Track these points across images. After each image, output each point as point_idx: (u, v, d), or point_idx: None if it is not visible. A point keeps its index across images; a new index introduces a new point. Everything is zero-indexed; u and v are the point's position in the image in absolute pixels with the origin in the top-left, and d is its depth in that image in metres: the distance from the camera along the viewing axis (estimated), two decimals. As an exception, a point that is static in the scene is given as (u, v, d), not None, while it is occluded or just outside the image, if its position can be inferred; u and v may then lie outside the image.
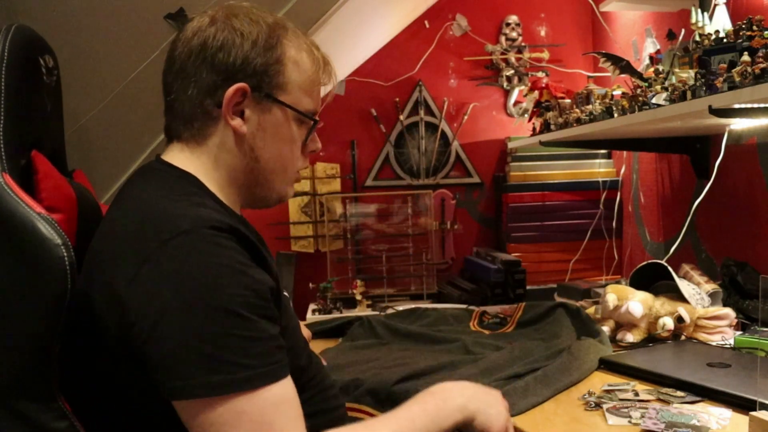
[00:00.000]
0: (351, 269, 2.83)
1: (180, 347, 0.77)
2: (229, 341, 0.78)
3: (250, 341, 0.79)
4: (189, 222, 0.82)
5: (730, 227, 1.97)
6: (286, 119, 0.98)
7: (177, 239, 0.80)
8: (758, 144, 1.83)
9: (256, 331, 0.80)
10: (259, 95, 0.95)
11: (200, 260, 0.80)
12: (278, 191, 1.02)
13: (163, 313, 0.78)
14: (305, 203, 2.89)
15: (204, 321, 0.77)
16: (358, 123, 2.95)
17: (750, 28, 1.30)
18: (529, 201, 2.77)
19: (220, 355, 0.77)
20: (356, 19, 2.11)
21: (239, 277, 0.81)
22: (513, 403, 1.11)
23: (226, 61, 0.93)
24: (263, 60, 0.94)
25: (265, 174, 0.99)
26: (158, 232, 0.82)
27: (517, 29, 2.97)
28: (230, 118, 0.94)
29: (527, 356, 1.39)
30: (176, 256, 0.80)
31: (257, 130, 0.96)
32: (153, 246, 0.81)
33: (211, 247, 0.81)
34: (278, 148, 0.98)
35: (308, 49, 0.99)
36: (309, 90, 0.99)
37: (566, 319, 1.59)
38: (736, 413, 1.07)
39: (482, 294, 2.54)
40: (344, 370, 1.43)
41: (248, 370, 0.78)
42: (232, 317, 0.79)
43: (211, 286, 0.79)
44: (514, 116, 2.98)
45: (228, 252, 0.82)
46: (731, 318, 1.50)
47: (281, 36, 0.96)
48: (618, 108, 1.72)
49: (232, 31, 0.93)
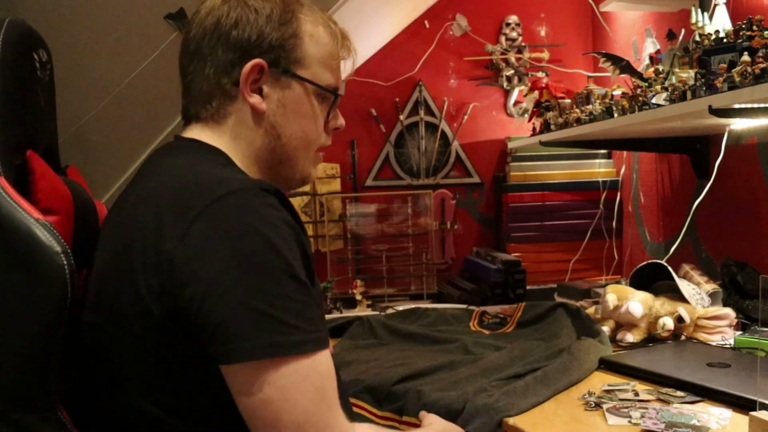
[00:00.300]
0: (351, 269, 2.83)
1: (241, 307, 0.75)
2: (290, 304, 0.77)
3: (305, 306, 0.78)
4: (237, 182, 0.81)
5: (730, 227, 1.97)
6: (307, 94, 0.97)
7: (229, 197, 0.78)
8: (758, 144, 1.83)
9: (309, 296, 0.79)
10: (277, 71, 0.94)
11: (255, 219, 0.78)
12: (301, 171, 1.00)
13: (222, 272, 0.75)
14: (305, 203, 2.89)
15: (266, 281, 0.76)
16: (358, 123, 2.95)
17: (750, 28, 1.30)
18: (529, 201, 2.77)
19: (284, 317, 0.76)
20: (356, 19, 2.11)
21: (292, 240, 0.80)
22: (513, 403, 1.11)
23: (241, 37, 0.92)
24: (279, 34, 0.93)
25: (288, 152, 0.97)
26: (207, 192, 0.79)
27: (517, 29, 2.97)
28: (248, 95, 0.93)
29: (527, 356, 1.39)
30: (230, 214, 0.77)
31: (277, 107, 0.95)
32: (202, 204, 0.78)
33: (263, 207, 0.79)
34: (300, 124, 0.97)
35: (325, 23, 0.98)
36: (328, 64, 0.99)
37: (566, 319, 1.59)
38: (736, 413, 1.07)
39: (482, 294, 2.54)
40: (343, 369, 1.43)
41: (307, 334, 0.77)
42: (291, 279, 0.77)
43: (268, 246, 0.77)
44: (514, 116, 2.98)
45: (279, 213, 0.80)
46: (731, 318, 1.50)
47: (296, 10, 0.95)
48: (618, 108, 1.72)
49: (245, 7, 0.93)
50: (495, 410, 1.09)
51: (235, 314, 0.75)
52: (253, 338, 0.75)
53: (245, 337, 0.75)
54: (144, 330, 0.80)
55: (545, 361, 1.32)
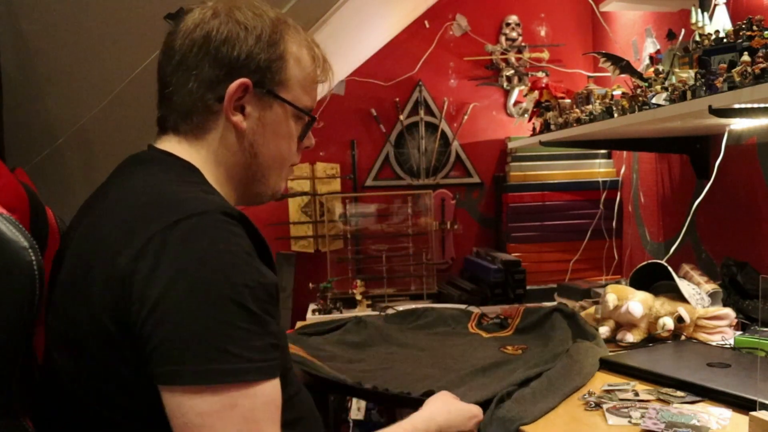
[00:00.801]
0: (351, 269, 2.83)
1: (180, 330, 0.74)
2: (231, 331, 0.76)
3: (251, 335, 0.77)
4: (201, 205, 0.81)
5: (730, 227, 1.97)
6: (286, 116, 0.98)
7: (189, 220, 0.78)
8: (758, 144, 1.83)
9: (258, 325, 0.78)
10: (261, 91, 0.94)
11: (211, 244, 0.77)
12: (272, 187, 1.02)
13: (167, 294, 0.75)
14: (305, 203, 2.89)
15: (209, 307, 0.75)
16: (358, 123, 2.95)
17: (750, 28, 1.30)
18: (529, 201, 2.77)
19: (221, 345, 0.75)
20: (356, 19, 2.11)
21: (248, 269, 0.79)
22: (525, 410, 1.11)
23: (230, 55, 0.91)
24: (267, 56, 0.93)
25: (263, 170, 0.99)
26: (169, 212, 0.79)
27: (517, 29, 2.97)
28: (232, 113, 0.93)
29: (526, 361, 1.39)
30: (187, 237, 0.77)
31: (257, 126, 0.96)
32: (162, 225, 0.78)
33: (222, 232, 0.79)
34: (276, 143, 0.98)
35: (308, 46, 0.99)
36: (307, 87, 0.99)
37: (562, 323, 1.59)
38: (736, 413, 1.07)
39: (482, 294, 2.54)
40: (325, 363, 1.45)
41: (247, 363, 0.76)
42: (238, 308, 0.76)
43: (220, 272, 0.76)
44: (514, 116, 2.98)
45: (239, 240, 0.80)
46: (731, 318, 1.50)
47: (284, 31, 0.95)
48: (618, 108, 1.72)
49: (235, 24, 0.92)
50: (510, 420, 1.09)
51: (173, 337, 0.75)
52: (186, 363, 0.74)
53: (178, 361, 0.74)
54: (100, 345, 0.80)
55: (544, 365, 1.31)
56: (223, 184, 0.97)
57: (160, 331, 0.75)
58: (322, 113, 2.91)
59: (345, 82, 2.91)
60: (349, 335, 1.73)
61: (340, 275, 2.76)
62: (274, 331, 0.81)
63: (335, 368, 1.41)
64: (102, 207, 0.87)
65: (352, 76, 2.91)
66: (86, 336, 0.80)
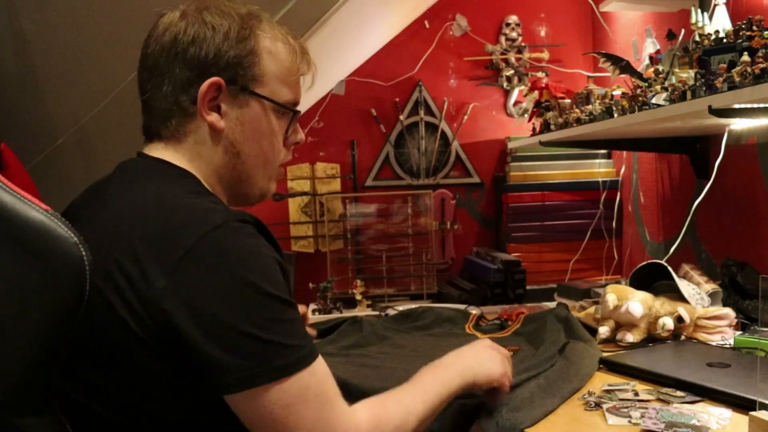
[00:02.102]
0: (351, 269, 2.83)
1: (239, 335, 0.78)
2: (284, 326, 0.82)
3: (294, 324, 0.84)
4: (220, 216, 0.83)
5: (730, 227, 1.97)
6: (265, 112, 0.97)
7: (216, 232, 0.81)
8: (758, 144, 1.83)
9: (294, 314, 0.85)
10: (235, 88, 0.94)
11: (242, 250, 0.82)
12: (260, 187, 1.02)
13: (215, 305, 0.78)
14: (305, 203, 2.89)
15: (256, 307, 0.80)
16: (358, 123, 2.95)
17: (750, 28, 1.30)
18: (529, 201, 2.77)
19: (281, 339, 0.80)
20: (356, 19, 2.11)
21: (275, 266, 0.84)
22: (524, 415, 1.10)
23: (198, 55, 0.92)
24: (236, 52, 0.93)
25: (247, 169, 0.99)
26: (193, 227, 0.81)
27: (517, 29, 2.97)
28: (206, 113, 0.93)
29: (515, 364, 1.38)
30: (218, 248, 0.80)
31: (236, 125, 0.95)
32: (190, 240, 0.80)
33: (247, 238, 0.84)
34: (258, 141, 0.98)
35: (284, 39, 0.98)
36: (287, 80, 0.98)
37: (556, 325, 1.59)
38: (736, 413, 1.07)
39: (482, 294, 2.54)
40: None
41: (301, 350, 0.82)
42: (280, 302, 0.82)
43: (257, 273, 0.81)
44: (514, 116, 2.98)
45: (258, 241, 0.85)
46: (731, 318, 1.50)
47: (254, 27, 0.95)
48: (618, 108, 1.72)
49: (202, 24, 0.92)
50: (510, 428, 1.08)
51: (232, 344, 0.78)
52: (254, 366, 0.79)
53: (245, 366, 0.79)
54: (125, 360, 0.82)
55: (535, 369, 1.30)
56: (213, 187, 0.97)
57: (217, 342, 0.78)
58: (322, 113, 2.91)
59: (345, 82, 2.91)
60: (345, 335, 1.73)
61: (340, 275, 2.76)
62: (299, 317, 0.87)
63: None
64: (104, 219, 0.87)
65: (352, 76, 2.91)
66: (107, 349, 0.82)
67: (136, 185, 0.91)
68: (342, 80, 2.90)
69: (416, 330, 1.81)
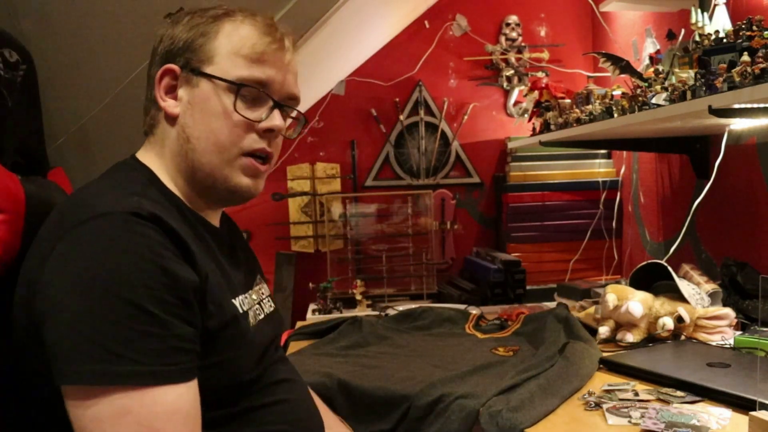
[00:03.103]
0: (351, 269, 2.83)
1: (72, 330, 0.74)
2: (121, 331, 0.73)
3: (146, 336, 0.74)
4: (108, 206, 0.79)
5: (730, 227, 1.97)
6: (215, 91, 0.91)
7: (91, 222, 0.78)
8: (758, 144, 1.83)
9: (158, 327, 0.75)
10: (188, 72, 0.92)
11: (110, 245, 0.76)
12: (224, 180, 0.93)
13: (64, 294, 0.75)
14: (305, 203, 2.89)
15: (102, 308, 0.74)
16: (358, 123, 2.95)
17: (750, 28, 1.30)
18: (529, 201, 2.77)
19: (110, 345, 0.73)
20: (356, 19, 2.11)
21: (150, 268, 0.76)
22: (524, 415, 1.10)
23: (162, 50, 0.94)
24: (188, 36, 0.93)
25: (198, 156, 0.92)
26: (76, 215, 0.79)
27: (517, 29, 2.97)
28: (161, 99, 0.93)
29: (514, 364, 1.39)
30: (86, 239, 0.77)
31: (187, 108, 0.93)
32: (67, 227, 0.78)
33: (125, 233, 0.77)
34: (207, 122, 0.91)
35: (252, 22, 0.94)
36: (248, 55, 0.92)
37: (557, 325, 1.59)
38: (736, 413, 1.07)
39: (482, 294, 2.54)
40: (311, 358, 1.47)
41: (137, 365, 0.73)
42: (130, 307, 0.74)
43: (114, 272, 0.75)
44: (514, 116, 2.98)
45: (144, 240, 0.78)
46: (731, 318, 1.50)
47: (223, 19, 0.93)
48: (618, 108, 1.72)
49: (175, 25, 0.94)
50: (510, 428, 1.08)
51: (65, 336, 0.74)
52: (77, 363, 0.73)
53: (70, 361, 0.73)
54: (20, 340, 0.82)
55: (534, 369, 1.30)
56: (175, 181, 0.94)
57: (55, 331, 0.75)
58: (322, 113, 2.91)
59: (345, 82, 2.91)
60: (345, 335, 1.73)
61: (340, 275, 2.76)
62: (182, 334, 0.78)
63: (323, 366, 1.42)
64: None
65: (352, 76, 2.91)
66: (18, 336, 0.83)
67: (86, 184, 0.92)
68: (342, 80, 2.90)
69: (416, 330, 1.82)
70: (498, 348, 1.57)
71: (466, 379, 1.30)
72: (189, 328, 0.79)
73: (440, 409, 1.19)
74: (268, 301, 1.07)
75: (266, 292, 1.08)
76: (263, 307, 1.03)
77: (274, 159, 0.98)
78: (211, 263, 0.89)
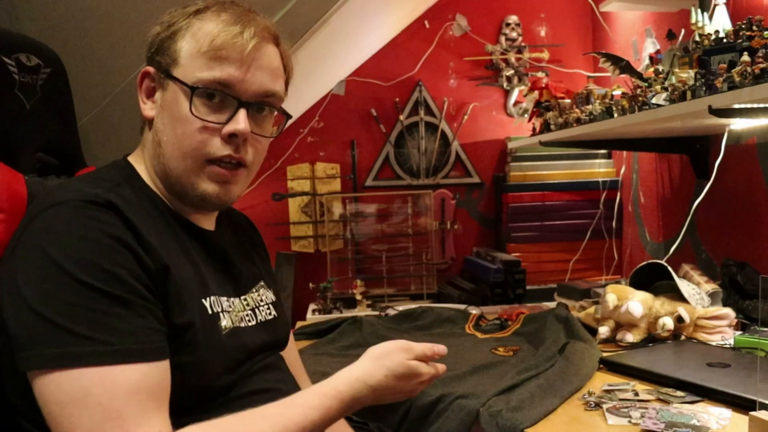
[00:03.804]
0: (351, 269, 2.83)
1: (32, 315, 0.73)
2: (80, 313, 0.73)
3: (105, 316, 0.74)
4: (67, 194, 0.81)
5: (730, 227, 1.97)
6: (178, 95, 0.88)
7: (49, 210, 0.80)
8: (758, 144, 1.83)
9: (117, 306, 0.75)
10: (160, 75, 0.91)
11: (66, 231, 0.77)
12: (192, 186, 0.90)
13: (22, 281, 0.76)
14: (305, 203, 2.89)
15: (57, 290, 0.74)
16: (358, 123, 2.95)
17: (750, 28, 1.30)
18: (529, 201, 2.77)
19: (69, 326, 0.73)
20: (356, 20, 2.11)
21: (109, 253, 0.77)
22: (524, 415, 1.10)
23: (147, 52, 0.93)
24: (161, 36, 0.91)
25: (166, 161, 0.90)
26: (40, 204, 0.82)
27: (517, 29, 2.97)
28: (142, 102, 0.93)
29: (514, 364, 1.39)
30: (43, 225, 0.79)
31: (159, 112, 0.91)
32: (30, 216, 0.81)
33: (81, 218, 0.78)
34: (173, 127, 0.89)
35: (217, 15, 0.89)
36: (210, 55, 0.87)
37: (557, 325, 1.59)
38: (736, 413, 1.07)
39: (482, 294, 2.54)
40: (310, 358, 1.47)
41: (97, 344, 0.73)
42: (88, 289, 0.74)
43: (70, 255, 0.75)
44: (514, 116, 2.98)
45: (99, 224, 0.78)
46: (731, 318, 1.50)
47: (194, 16, 0.90)
48: (618, 108, 1.72)
49: (159, 24, 0.93)
50: (511, 428, 1.08)
51: (26, 322, 0.74)
52: (35, 347, 0.73)
53: (32, 346, 0.73)
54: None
55: (534, 369, 1.30)
56: (155, 181, 0.94)
57: (14, 318, 0.75)
58: (322, 113, 2.91)
59: (345, 82, 2.91)
60: (345, 335, 1.73)
61: (340, 275, 2.76)
62: (144, 313, 0.77)
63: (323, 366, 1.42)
64: None
65: (352, 76, 2.91)
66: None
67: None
68: (342, 80, 2.90)
69: (416, 330, 1.82)
70: (498, 348, 1.57)
71: (467, 379, 1.30)
72: (151, 307, 0.79)
73: (440, 409, 1.19)
74: (268, 308, 1.03)
75: (267, 299, 1.04)
76: (257, 314, 0.99)
77: (249, 163, 0.93)
78: (178, 258, 0.87)
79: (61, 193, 0.82)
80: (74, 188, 0.83)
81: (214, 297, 0.91)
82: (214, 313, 0.89)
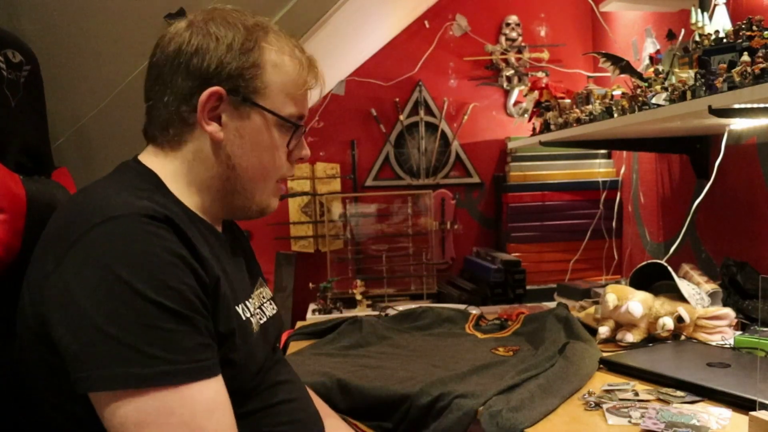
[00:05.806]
0: (351, 269, 2.83)
1: (95, 334, 0.73)
2: (151, 332, 0.74)
3: (174, 334, 0.75)
4: (122, 208, 0.79)
5: (730, 227, 1.97)
6: (266, 125, 0.94)
7: (106, 224, 0.77)
8: (758, 144, 1.83)
9: (184, 324, 0.76)
10: (237, 99, 0.92)
11: (127, 246, 0.76)
12: (258, 202, 0.98)
13: (84, 300, 0.74)
14: (305, 203, 2.89)
15: (125, 308, 0.73)
16: (358, 123, 2.95)
17: (750, 28, 1.30)
18: (529, 201, 2.77)
19: (140, 346, 0.73)
20: (356, 20, 2.11)
21: (170, 269, 0.77)
22: (524, 415, 1.10)
23: (200, 66, 0.90)
24: (238, 63, 0.91)
25: (243, 183, 0.95)
26: (88, 217, 0.78)
27: (517, 29, 2.98)
28: (206, 123, 0.91)
29: (514, 364, 1.38)
30: (103, 240, 0.76)
31: (235, 137, 0.93)
32: (81, 230, 0.77)
33: (141, 234, 0.78)
34: (258, 155, 0.95)
35: (291, 52, 0.96)
36: (292, 93, 0.95)
37: (557, 325, 1.59)
38: (736, 413, 1.07)
39: (482, 294, 2.54)
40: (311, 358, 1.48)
41: (170, 364, 0.74)
42: (156, 307, 0.74)
43: (137, 272, 0.75)
44: (514, 116, 2.98)
45: (160, 241, 0.78)
46: (731, 318, 1.50)
47: (260, 39, 0.93)
48: (618, 108, 1.72)
49: (207, 35, 0.91)
50: (511, 429, 1.08)
51: (91, 342, 0.73)
52: (108, 367, 0.72)
53: (100, 366, 0.73)
54: (33, 350, 0.81)
55: (534, 369, 1.29)
56: (197, 195, 0.94)
57: (77, 337, 0.74)
58: (322, 113, 2.91)
59: (345, 82, 2.92)
60: (345, 335, 1.73)
61: (340, 275, 2.76)
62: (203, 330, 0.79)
63: (323, 366, 1.42)
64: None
65: (352, 76, 2.91)
66: (26, 344, 0.82)
67: (91, 183, 0.91)
68: (342, 80, 2.90)
69: (416, 330, 1.81)
70: (498, 348, 1.57)
71: (466, 379, 1.30)
72: (207, 323, 0.81)
73: (439, 408, 1.19)
74: (270, 304, 1.06)
75: (267, 295, 1.07)
76: (265, 311, 1.02)
77: None
78: (219, 269, 0.89)
79: (112, 205, 0.80)
80: (122, 200, 0.82)
81: (243, 302, 0.94)
82: (246, 319, 0.92)
